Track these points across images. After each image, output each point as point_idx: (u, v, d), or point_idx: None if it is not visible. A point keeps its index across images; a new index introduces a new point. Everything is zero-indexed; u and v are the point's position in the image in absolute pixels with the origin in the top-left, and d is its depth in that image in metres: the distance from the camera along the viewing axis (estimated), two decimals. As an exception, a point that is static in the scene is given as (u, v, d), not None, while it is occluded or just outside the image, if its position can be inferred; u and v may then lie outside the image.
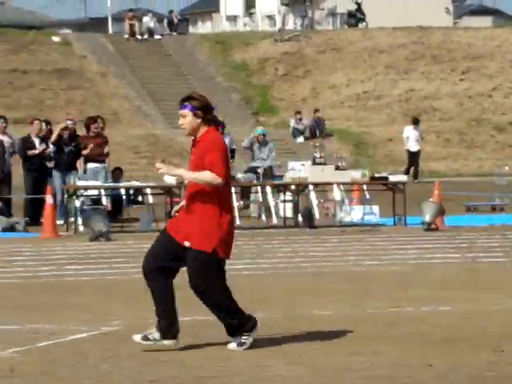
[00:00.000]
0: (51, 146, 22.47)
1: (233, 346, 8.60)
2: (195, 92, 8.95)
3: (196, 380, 7.12)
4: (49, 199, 20.74)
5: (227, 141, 16.44)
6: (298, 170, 23.15)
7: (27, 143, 22.64)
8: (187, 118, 8.35)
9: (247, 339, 8.66)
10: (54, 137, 22.29)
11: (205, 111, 8.35)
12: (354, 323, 9.63)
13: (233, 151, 24.08)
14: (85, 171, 22.88)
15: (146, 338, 8.36)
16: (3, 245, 18.37)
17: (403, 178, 24.75)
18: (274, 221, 22.67)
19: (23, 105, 36.50)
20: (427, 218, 20.75)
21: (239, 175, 23.50)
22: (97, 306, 11.55)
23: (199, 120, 8.32)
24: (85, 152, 22.54)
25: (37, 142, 22.55)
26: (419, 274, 14.53)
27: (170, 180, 20.22)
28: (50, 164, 22.59)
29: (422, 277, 14.14)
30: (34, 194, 22.42)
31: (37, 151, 22.41)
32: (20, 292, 12.81)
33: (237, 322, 8.52)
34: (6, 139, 22.53)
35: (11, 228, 20.97)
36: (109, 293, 12.74)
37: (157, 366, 7.65)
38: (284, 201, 22.96)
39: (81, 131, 23.70)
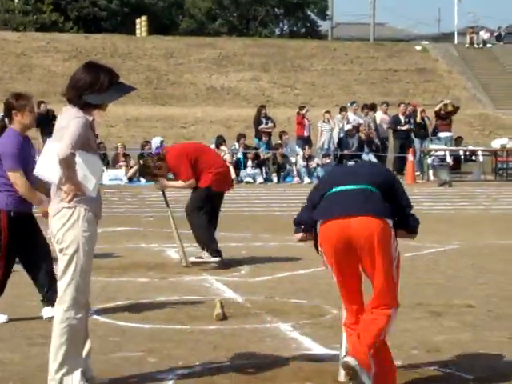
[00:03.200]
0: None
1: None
2: None
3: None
4: (410, 157, 28.05)
5: None
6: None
7: (397, 120, 30.13)
8: None
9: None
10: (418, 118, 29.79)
11: None
12: None
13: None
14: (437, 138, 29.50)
15: None
16: None
17: None
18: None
19: (394, 93, 45.68)
20: None
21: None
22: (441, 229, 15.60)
23: None
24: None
25: (402, 119, 30.00)
26: None
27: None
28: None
29: None
30: (401, 153, 29.61)
31: (404, 127, 29.90)
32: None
33: None
34: (384, 116, 30.83)
35: None
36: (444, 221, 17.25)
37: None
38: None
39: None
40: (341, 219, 6.11)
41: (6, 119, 8.67)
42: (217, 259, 11.67)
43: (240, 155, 28.11)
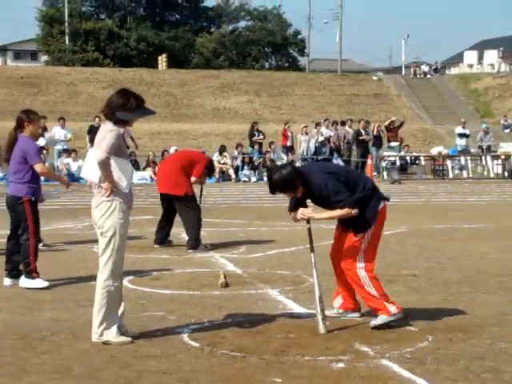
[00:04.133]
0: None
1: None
2: None
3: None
4: (369, 161, 27.49)
5: None
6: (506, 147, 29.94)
7: (359, 133, 29.35)
8: None
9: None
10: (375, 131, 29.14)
11: None
12: None
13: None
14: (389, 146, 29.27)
15: None
16: None
17: None
18: (491, 174, 29.47)
19: (356, 112, 44.88)
20: None
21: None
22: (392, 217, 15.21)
23: None
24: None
25: (362, 132, 29.17)
26: None
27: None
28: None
29: None
30: (362, 158, 28.72)
31: (365, 138, 29.27)
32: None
33: None
34: (349, 130, 30.15)
35: None
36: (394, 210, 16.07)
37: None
38: (497, 163, 29.64)
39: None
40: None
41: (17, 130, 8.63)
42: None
43: (239, 161, 28.12)
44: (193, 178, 11.49)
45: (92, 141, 24.53)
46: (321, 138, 29.92)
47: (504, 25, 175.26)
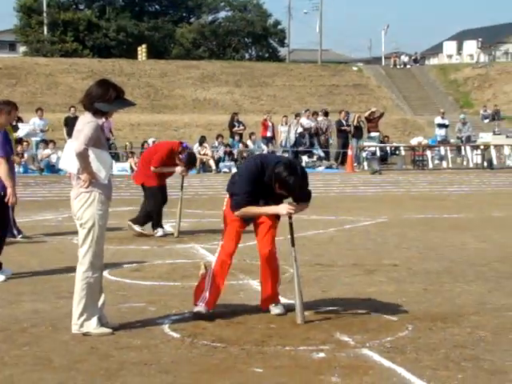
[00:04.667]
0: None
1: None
2: None
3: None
4: (349, 152, 27.95)
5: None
6: (485, 137, 30.62)
7: (340, 123, 29.91)
8: None
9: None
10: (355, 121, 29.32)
11: None
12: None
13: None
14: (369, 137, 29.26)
15: None
16: (330, 176, 25.26)
17: None
18: (471, 164, 29.86)
19: (337, 103, 45.45)
20: None
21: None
22: (372, 207, 15.83)
23: None
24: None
25: (344, 122, 29.67)
26: None
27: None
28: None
29: None
30: (343, 149, 29.31)
31: (346, 128, 29.64)
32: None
33: None
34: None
35: (330, 167, 28.80)
36: (374, 201, 17.51)
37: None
38: (476, 154, 29.88)
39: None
40: None
41: None
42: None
43: (221, 152, 28.06)
44: (152, 168, 11.63)
45: (69, 134, 24.41)
46: (300, 129, 29.92)
47: (483, 15, 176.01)
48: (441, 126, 32.76)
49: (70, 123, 25.51)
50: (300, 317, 6.47)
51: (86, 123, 6.16)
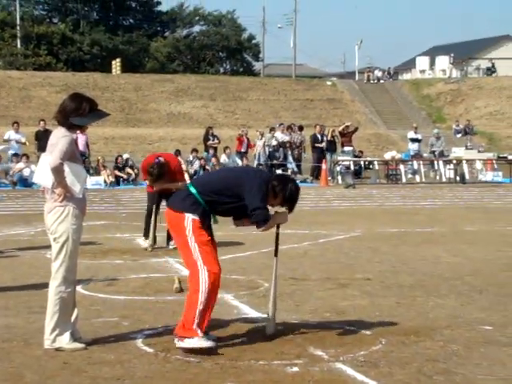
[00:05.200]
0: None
1: None
2: None
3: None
4: (324, 166, 27.76)
5: None
6: (457, 151, 30.38)
7: (316, 138, 29.91)
8: None
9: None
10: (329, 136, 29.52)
11: None
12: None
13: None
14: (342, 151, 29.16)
15: None
16: (304, 190, 23.88)
17: None
18: (443, 179, 29.62)
19: (311, 117, 45.72)
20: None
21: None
22: (346, 221, 15.94)
23: None
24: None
25: (319, 137, 29.77)
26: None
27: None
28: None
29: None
30: (317, 163, 29.13)
31: (321, 144, 29.65)
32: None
33: None
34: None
35: (304, 181, 27.70)
36: (348, 215, 17.58)
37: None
38: (449, 168, 29.78)
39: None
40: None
41: None
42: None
43: (197, 167, 28.04)
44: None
45: (40, 147, 24.28)
46: (274, 143, 30.00)
47: (455, 31, 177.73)
48: (413, 140, 32.97)
49: (40, 137, 25.35)
50: (272, 328, 6.47)
51: (61, 137, 6.15)
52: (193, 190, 6.24)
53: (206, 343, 5.99)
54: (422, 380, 5.36)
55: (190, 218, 6.18)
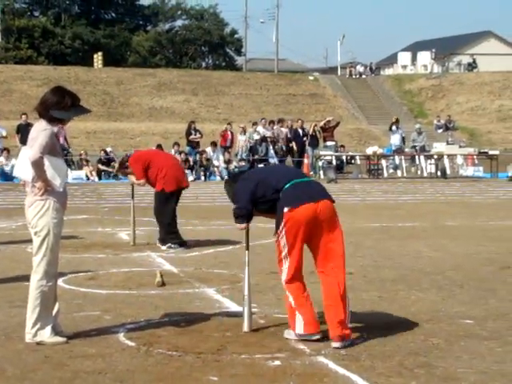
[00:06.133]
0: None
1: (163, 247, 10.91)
2: None
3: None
4: (306, 160, 28.16)
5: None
6: (438, 147, 30.79)
7: (297, 133, 29.70)
8: None
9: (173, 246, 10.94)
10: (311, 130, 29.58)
11: None
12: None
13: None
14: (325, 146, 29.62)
15: None
16: None
17: (496, 151, 31.40)
18: (425, 174, 30.12)
19: (293, 112, 45.23)
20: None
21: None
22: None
23: None
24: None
25: (300, 132, 29.81)
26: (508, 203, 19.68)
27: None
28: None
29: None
30: (299, 157, 29.17)
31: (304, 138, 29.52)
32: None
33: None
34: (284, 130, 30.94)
35: None
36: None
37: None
38: (430, 163, 30.17)
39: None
40: (311, 203, 6.15)
41: None
42: (179, 248, 11.32)
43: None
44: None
45: (22, 141, 24.17)
46: (256, 137, 30.01)
47: (436, 26, 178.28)
48: (394, 132, 33.01)
49: (22, 130, 25.26)
50: (247, 324, 6.47)
51: (41, 131, 6.12)
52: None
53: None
54: (403, 373, 5.39)
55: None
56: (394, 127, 33.05)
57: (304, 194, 6.18)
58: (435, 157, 30.16)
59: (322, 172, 28.51)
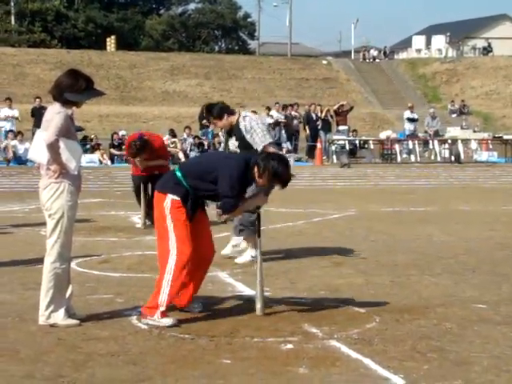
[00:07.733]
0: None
1: None
2: None
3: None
4: (318, 145, 27.92)
5: None
6: (452, 131, 30.92)
7: (310, 117, 29.77)
8: None
9: None
10: (323, 115, 29.42)
11: None
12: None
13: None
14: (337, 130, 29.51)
15: None
16: (299, 169, 23.03)
17: (511, 136, 31.72)
18: (438, 159, 30.11)
19: (306, 96, 45.64)
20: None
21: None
22: (341, 200, 16.07)
23: None
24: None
25: (314, 116, 29.52)
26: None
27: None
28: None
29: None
30: (312, 142, 29.03)
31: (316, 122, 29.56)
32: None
33: None
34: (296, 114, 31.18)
35: (299, 160, 28.57)
36: (343, 194, 17.89)
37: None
38: (444, 148, 30.29)
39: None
40: None
41: None
42: None
43: (188, 145, 28.03)
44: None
45: (36, 124, 24.21)
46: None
47: (451, 10, 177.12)
48: (410, 120, 32.88)
49: (36, 114, 25.30)
50: (260, 308, 6.49)
51: (56, 113, 6.12)
52: (178, 173, 6.27)
53: (165, 322, 6.10)
54: (415, 357, 5.39)
55: (169, 198, 6.21)
56: (410, 115, 32.78)
57: None
58: (449, 141, 30.04)
59: (334, 156, 28.45)
